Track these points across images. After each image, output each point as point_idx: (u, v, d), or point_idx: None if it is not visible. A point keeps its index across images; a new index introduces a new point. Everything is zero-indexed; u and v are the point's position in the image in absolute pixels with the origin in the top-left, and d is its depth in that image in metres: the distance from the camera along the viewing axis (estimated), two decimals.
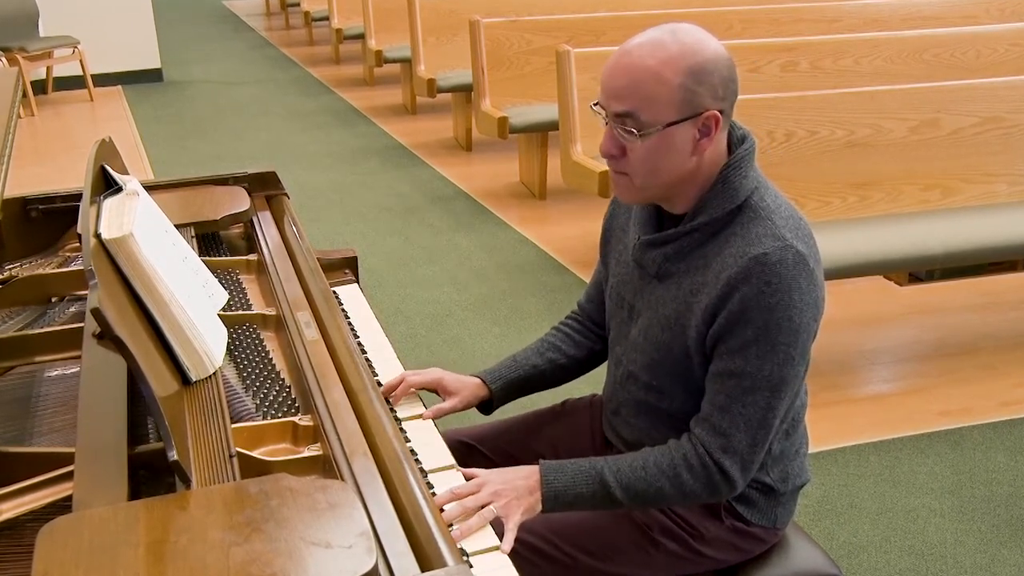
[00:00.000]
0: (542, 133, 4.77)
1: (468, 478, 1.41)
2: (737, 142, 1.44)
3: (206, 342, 1.40)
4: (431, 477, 1.41)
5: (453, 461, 1.45)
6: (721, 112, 1.36)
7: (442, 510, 1.32)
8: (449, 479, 1.41)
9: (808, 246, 1.39)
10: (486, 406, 1.66)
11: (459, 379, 1.64)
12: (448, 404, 1.60)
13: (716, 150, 1.40)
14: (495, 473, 1.41)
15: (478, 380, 1.65)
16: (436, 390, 1.64)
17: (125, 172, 1.62)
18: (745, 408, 1.38)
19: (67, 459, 1.25)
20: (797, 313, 1.35)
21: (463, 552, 1.26)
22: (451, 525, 1.30)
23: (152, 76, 7.88)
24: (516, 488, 1.39)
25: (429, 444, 1.49)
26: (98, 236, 1.33)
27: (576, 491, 1.42)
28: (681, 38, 1.34)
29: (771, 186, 1.45)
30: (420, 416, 1.56)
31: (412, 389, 1.61)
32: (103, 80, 7.63)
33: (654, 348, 1.48)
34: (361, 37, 7.07)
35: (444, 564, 1.09)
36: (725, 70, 1.35)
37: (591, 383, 1.82)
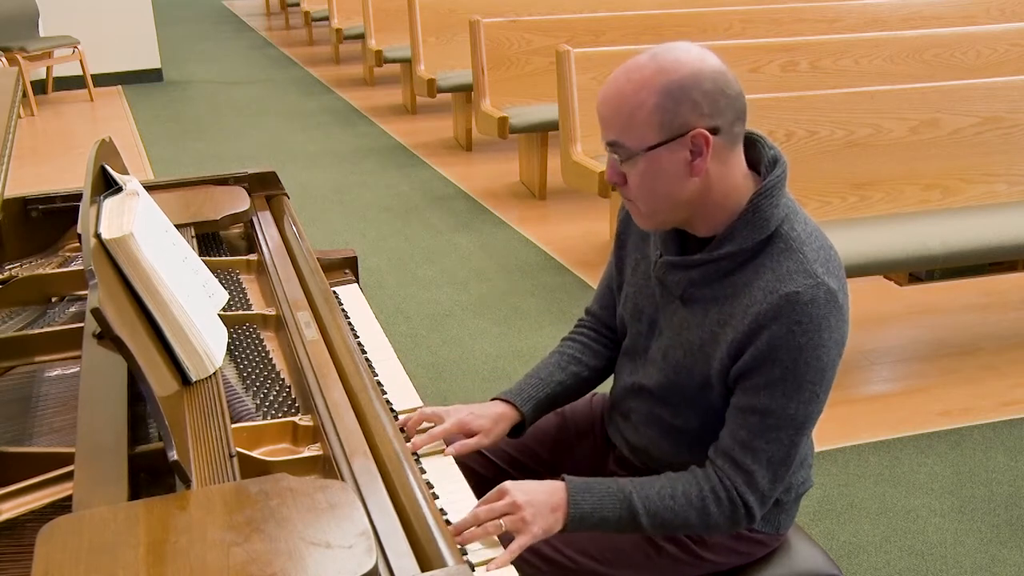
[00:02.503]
0: (542, 133, 4.77)
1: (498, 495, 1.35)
2: (768, 164, 1.39)
3: (206, 342, 1.40)
4: (430, 476, 1.41)
5: (452, 460, 1.46)
6: (715, 130, 1.30)
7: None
8: (448, 477, 1.41)
9: (838, 280, 1.36)
10: (516, 428, 1.59)
11: (483, 415, 1.55)
12: (473, 441, 1.51)
13: (729, 170, 1.35)
14: (520, 485, 1.36)
15: (504, 406, 1.57)
16: (461, 434, 1.54)
17: (125, 172, 1.62)
18: (768, 445, 1.36)
19: (67, 459, 1.25)
20: (825, 352, 1.33)
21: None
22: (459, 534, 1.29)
23: (152, 76, 7.88)
24: (537, 504, 1.34)
25: (435, 460, 1.49)
26: (98, 236, 1.33)
27: (602, 514, 1.38)
28: (659, 58, 1.30)
29: (800, 210, 1.41)
30: (441, 452, 1.49)
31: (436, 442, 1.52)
32: (103, 80, 7.63)
33: (672, 370, 1.46)
34: (361, 37, 7.07)
35: (444, 564, 1.09)
36: (709, 84, 1.29)
37: None
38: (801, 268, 1.33)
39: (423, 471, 1.41)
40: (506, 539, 1.32)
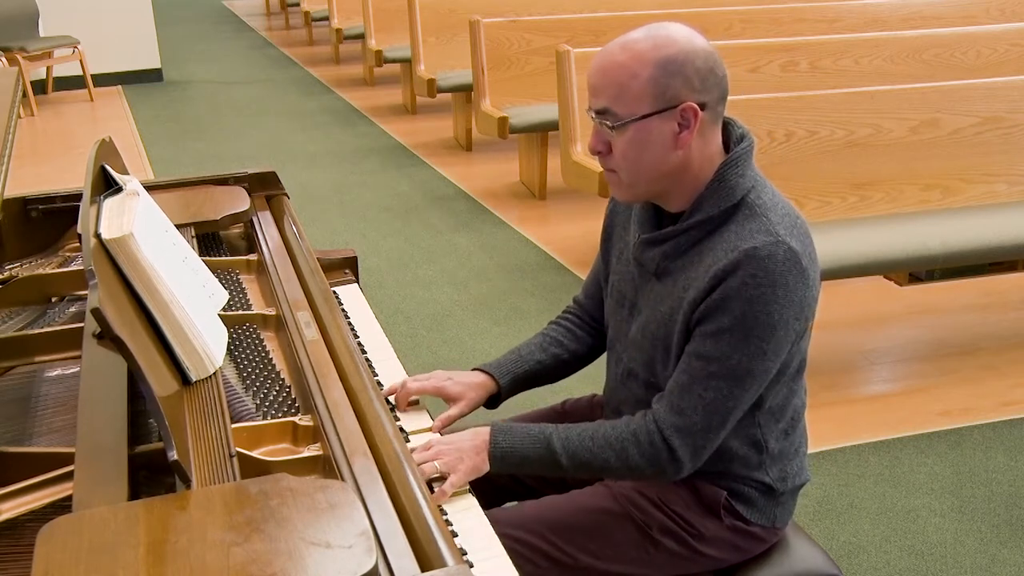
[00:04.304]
0: (542, 133, 4.77)
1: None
2: (735, 141, 1.44)
3: (206, 342, 1.40)
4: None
5: None
6: (703, 105, 1.36)
7: None
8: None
9: (803, 244, 1.39)
10: (492, 399, 1.65)
11: (462, 382, 1.62)
12: (455, 411, 1.58)
13: (707, 146, 1.41)
14: (444, 436, 1.48)
15: (483, 376, 1.64)
16: (440, 397, 1.62)
17: (125, 172, 1.62)
18: (706, 392, 1.39)
19: (67, 459, 1.25)
20: (777, 309, 1.36)
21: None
22: None
23: (152, 76, 7.88)
24: (461, 449, 1.43)
25: (425, 437, 1.49)
26: (98, 236, 1.33)
27: (522, 453, 1.45)
28: (654, 33, 1.37)
29: (768, 184, 1.46)
30: (429, 429, 1.54)
31: (414, 397, 1.60)
32: (103, 80, 7.63)
33: (651, 345, 1.49)
34: (361, 37, 7.07)
35: (444, 564, 1.09)
36: (700, 62, 1.35)
37: (591, 383, 1.82)
38: (763, 228, 1.37)
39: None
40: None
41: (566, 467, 1.45)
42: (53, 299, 1.82)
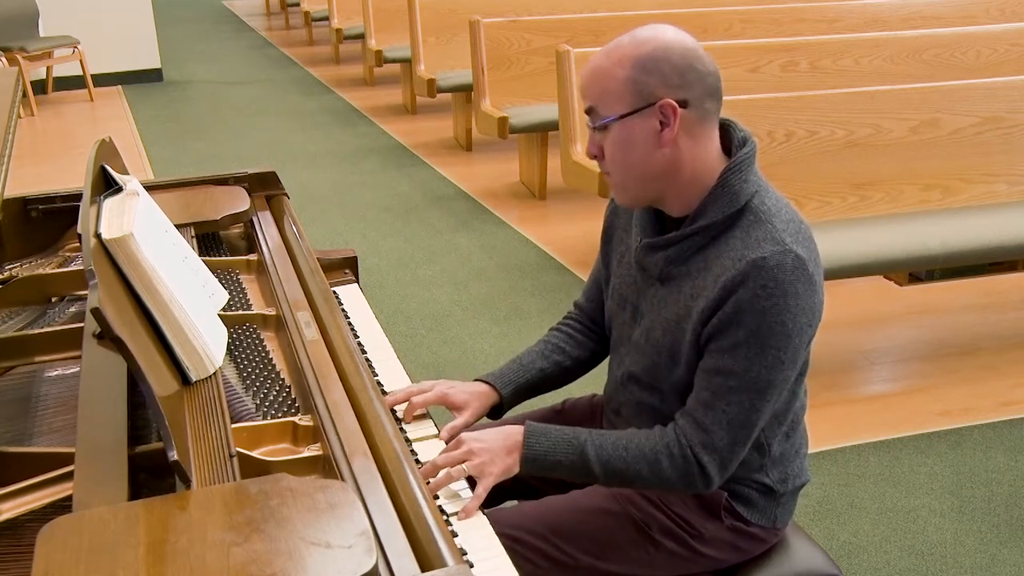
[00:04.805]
0: (542, 133, 4.77)
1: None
2: (738, 145, 1.44)
3: (206, 342, 1.40)
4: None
5: None
6: (684, 102, 1.36)
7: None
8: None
9: (808, 250, 1.39)
10: (495, 410, 1.64)
11: (464, 391, 1.60)
12: (461, 420, 1.56)
13: (698, 146, 1.40)
14: (475, 433, 1.44)
15: (486, 386, 1.62)
16: (443, 406, 1.60)
17: (125, 172, 1.62)
18: (729, 407, 1.39)
19: (67, 459, 1.25)
20: (791, 318, 1.35)
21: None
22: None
23: (152, 76, 7.88)
24: (493, 449, 1.41)
25: (429, 444, 1.49)
26: (98, 236, 1.33)
27: (555, 458, 1.43)
28: (636, 34, 1.39)
29: (772, 189, 1.45)
30: (436, 436, 1.52)
31: (420, 410, 1.57)
32: (103, 80, 7.63)
33: (655, 350, 1.49)
34: (361, 37, 7.07)
35: (444, 564, 1.09)
36: (678, 58, 1.36)
37: (591, 383, 1.82)
38: (769, 236, 1.37)
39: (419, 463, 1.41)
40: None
41: (598, 475, 1.44)
42: (53, 299, 1.82)
